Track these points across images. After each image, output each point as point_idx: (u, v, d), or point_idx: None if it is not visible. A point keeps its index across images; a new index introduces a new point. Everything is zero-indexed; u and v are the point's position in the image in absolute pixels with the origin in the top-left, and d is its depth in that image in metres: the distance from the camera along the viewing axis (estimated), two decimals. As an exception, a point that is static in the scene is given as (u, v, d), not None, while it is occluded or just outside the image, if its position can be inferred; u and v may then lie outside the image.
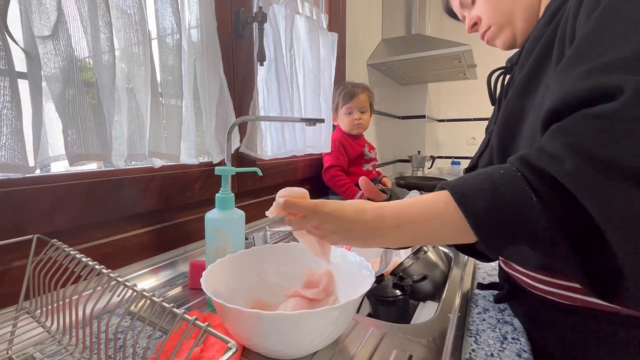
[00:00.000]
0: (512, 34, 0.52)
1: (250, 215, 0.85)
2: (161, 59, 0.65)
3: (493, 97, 0.57)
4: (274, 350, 0.43)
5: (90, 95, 0.54)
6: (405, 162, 2.62)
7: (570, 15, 0.38)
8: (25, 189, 0.50)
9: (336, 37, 1.27)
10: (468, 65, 1.89)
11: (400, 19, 2.19)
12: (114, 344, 0.36)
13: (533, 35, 0.46)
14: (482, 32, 0.56)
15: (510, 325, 0.52)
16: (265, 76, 0.96)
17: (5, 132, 0.44)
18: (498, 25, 0.53)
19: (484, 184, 0.33)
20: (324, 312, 0.39)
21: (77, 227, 0.57)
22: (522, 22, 0.50)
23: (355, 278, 0.51)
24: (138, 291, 0.34)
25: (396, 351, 0.46)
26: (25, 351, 0.43)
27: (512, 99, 0.46)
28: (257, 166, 0.84)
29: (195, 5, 0.72)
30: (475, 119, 2.89)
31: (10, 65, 0.44)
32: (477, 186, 0.34)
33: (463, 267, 0.75)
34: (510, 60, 0.54)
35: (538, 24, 0.46)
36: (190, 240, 0.77)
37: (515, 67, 0.51)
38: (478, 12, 0.54)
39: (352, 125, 1.30)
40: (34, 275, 0.45)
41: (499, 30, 0.53)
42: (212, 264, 0.50)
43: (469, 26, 0.56)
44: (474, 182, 0.34)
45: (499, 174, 0.33)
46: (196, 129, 0.74)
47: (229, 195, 0.59)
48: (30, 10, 0.46)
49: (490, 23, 0.53)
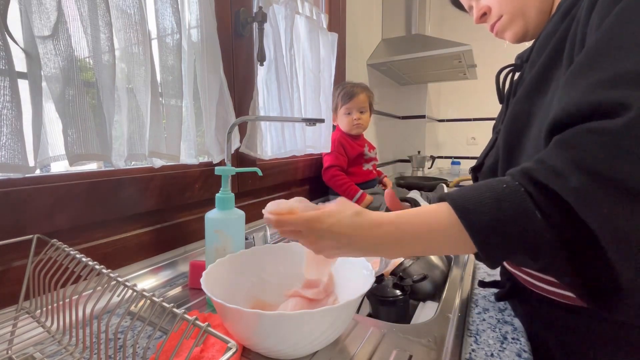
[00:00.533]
0: (524, 26, 0.50)
1: (250, 215, 0.85)
2: (161, 59, 0.65)
3: (502, 95, 0.56)
4: (274, 350, 0.43)
5: (90, 95, 0.54)
6: (405, 162, 2.62)
7: (582, 18, 0.37)
8: (25, 189, 0.50)
9: (336, 37, 1.27)
10: (468, 65, 1.89)
11: (400, 19, 2.20)
12: (114, 344, 0.36)
13: (545, 32, 0.45)
14: (491, 23, 0.53)
15: (510, 325, 0.52)
16: (265, 76, 0.96)
17: (5, 132, 0.43)
18: (510, 15, 0.50)
19: (486, 198, 0.33)
20: (324, 312, 0.39)
21: (77, 227, 0.57)
22: (535, 13, 0.48)
23: (355, 278, 0.51)
24: (138, 291, 0.34)
25: (396, 351, 0.46)
26: (25, 351, 0.43)
27: (521, 99, 0.45)
28: (257, 166, 0.84)
29: (195, 5, 0.72)
30: (476, 119, 2.88)
31: (10, 65, 0.44)
32: (479, 201, 0.33)
33: (463, 267, 0.75)
34: (520, 57, 0.52)
35: (551, 20, 0.44)
36: (190, 240, 0.77)
37: (525, 65, 0.50)
38: (488, 1, 0.52)
39: (352, 125, 1.30)
40: (34, 275, 0.45)
41: (511, 21, 0.50)
42: (212, 264, 0.50)
43: (477, 16, 0.54)
44: (476, 197, 0.34)
45: (501, 189, 0.33)
46: (196, 129, 0.74)
47: (229, 195, 0.59)
48: (30, 10, 0.46)
49: (501, 12, 0.51)
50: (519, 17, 0.50)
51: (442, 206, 0.36)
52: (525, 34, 0.51)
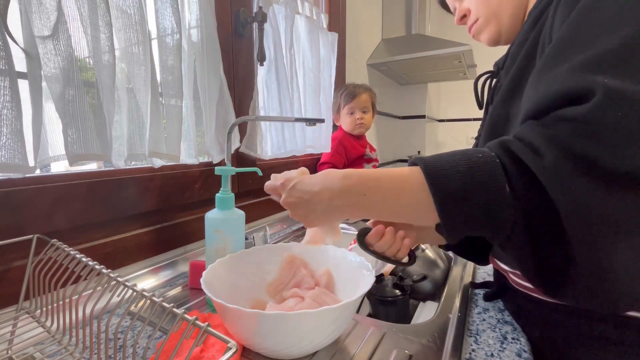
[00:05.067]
0: (497, 30, 0.52)
1: (250, 215, 0.85)
2: (161, 59, 0.65)
3: (480, 102, 0.58)
4: (274, 350, 0.43)
5: (90, 95, 0.54)
6: (405, 162, 2.62)
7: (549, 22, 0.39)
8: (25, 189, 0.50)
9: (336, 37, 1.27)
10: (468, 65, 1.89)
11: (400, 19, 2.19)
12: (114, 344, 0.36)
13: (518, 40, 0.47)
14: (469, 25, 0.56)
15: (510, 325, 0.52)
16: (265, 76, 0.96)
17: (5, 132, 0.43)
18: (485, 19, 0.52)
19: (459, 166, 0.33)
20: (324, 312, 0.39)
21: (77, 227, 0.57)
22: (508, 19, 0.51)
23: (355, 278, 0.51)
24: (138, 291, 0.34)
25: (396, 351, 0.46)
26: (25, 351, 0.43)
27: (498, 105, 0.47)
28: (257, 166, 0.84)
29: (195, 5, 0.72)
30: (475, 119, 2.88)
31: (10, 65, 0.43)
32: (452, 167, 0.33)
33: (463, 267, 0.75)
34: (497, 64, 0.54)
35: (522, 29, 0.46)
36: (190, 240, 0.77)
37: (501, 72, 0.52)
38: (468, 4, 0.54)
39: (354, 125, 1.30)
40: (34, 275, 0.45)
41: (486, 23, 0.53)
42: (212, 264, 0.50)
43: (457, 18, 0.57)
44: (449, 162, 0.34)
45: (476, 158, 0.33)
46: (196, 129, 0.74)
47: (229, 195, 0.59)
48: (30, 10, 0.46)
49: (477, 15, 0.53)
50: (493, 20, 0.52)
51: (414, 169, 0.36)
52: (499, 37, 0.53)
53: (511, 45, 0.49)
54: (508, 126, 0.44)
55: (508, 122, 0.45)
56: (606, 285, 0.33)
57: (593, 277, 0.32)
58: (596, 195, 0.28)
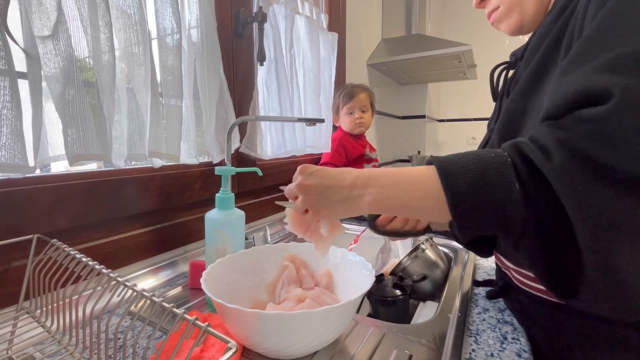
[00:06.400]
0: (520, 19, 0.50)
1: (250, 215, 0.85)
2: (161, 59, 0.65)
3: (495, 93, 0.56)
4: (274, 350, 0.43)
5: (90, 95, 0.54)
6: (405, 162, 2.62)
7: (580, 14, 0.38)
8: (25, 189, 0.50)
9: (336, 37, 1.27)
10: (468, 65, 1.89)
11: (400, 19, 2.19)
12: (114, 344, 0.36)
13: (539, 31, 0.45)
14: (489, 11, 0.53)
15: (510, 325, 0.52)
16: (265, 76, 0.96)
17: (5, 132, 0.43)
18: (507, 7, 0.50)
19: (472, 164, 0.33)
20: (324, 312, 0.39)
21: (77, 227, 0.57)
22: (532, 7, 0.48)
23: (355, 278, 0.51)
24: (138, 291, 0.34)
25: (396, 351, 0.46)
26: (25, 351, 0.43)
27: (515, 98, 0.45)
28: (257, 166, 0.84)
29: (195, 5, 0.72)
30: (476, 119, 2.89)
31: (10, 65, 0.43)
32: (464, 165, 0.33)
33: (463, 267, 0.75)
34: (515, 55, 0.52)
35: (545, 20, 0.45)
36: (190, 240, 0.77)
37: (519, 63, 0.50)
38: None
39: (354, 124, 1.30)
40: (34, 275, 0.45)
41: (508, 12, 0.50)
42: (212, 264, 0.50)
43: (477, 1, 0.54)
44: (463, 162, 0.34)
45: (489, 157, 0.33)
46: (196, 129, 0.74)
47: (229, 195, 0.59)
48: (30, 10, 0.46)
49: (499, 2, 0.51)
50: (517, 9, 0.49)
51: (429, 169, 0.37)
52: (520, 27, 0.51)
53: (531, 36, 0.48)
54: (525, 120, 0.43)
55: (525, 116, 0.44)
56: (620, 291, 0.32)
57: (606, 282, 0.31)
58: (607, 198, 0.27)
